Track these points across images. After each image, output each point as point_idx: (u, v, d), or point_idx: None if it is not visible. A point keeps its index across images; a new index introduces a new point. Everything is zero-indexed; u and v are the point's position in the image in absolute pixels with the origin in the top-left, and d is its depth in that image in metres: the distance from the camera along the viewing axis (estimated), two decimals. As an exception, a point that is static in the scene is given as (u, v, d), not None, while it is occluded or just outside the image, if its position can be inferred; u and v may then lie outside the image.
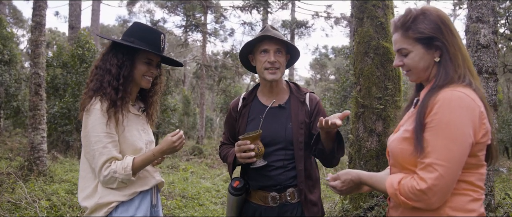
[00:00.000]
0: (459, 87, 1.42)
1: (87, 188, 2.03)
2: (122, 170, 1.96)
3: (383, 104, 4.28)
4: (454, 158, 1.35)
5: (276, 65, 2.21)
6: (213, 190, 7.64)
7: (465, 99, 1.37)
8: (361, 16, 4.53)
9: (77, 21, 14.49)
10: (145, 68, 2.14)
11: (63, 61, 12.02)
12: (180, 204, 6.13)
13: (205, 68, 18.08)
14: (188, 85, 30.61)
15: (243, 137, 2.11)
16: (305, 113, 2.27)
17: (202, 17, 19.22)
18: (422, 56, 1.52)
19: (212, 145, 18.10)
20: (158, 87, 2.33)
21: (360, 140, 4.35)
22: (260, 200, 2.24)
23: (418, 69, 1.54)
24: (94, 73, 2.11)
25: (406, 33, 1.53)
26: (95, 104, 1.99)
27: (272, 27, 2.31)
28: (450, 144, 1.35)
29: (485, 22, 3.34)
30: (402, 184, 1.43)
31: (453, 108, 1.36)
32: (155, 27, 2.22)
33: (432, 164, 1.36)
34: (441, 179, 1.34)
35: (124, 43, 2.08)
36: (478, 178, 1.44)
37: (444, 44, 1.48)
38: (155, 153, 2.05)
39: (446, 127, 1.35)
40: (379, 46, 4.36)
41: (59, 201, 5.42)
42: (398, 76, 4.45)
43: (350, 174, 1.69)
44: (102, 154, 1.95)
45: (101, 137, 1.96)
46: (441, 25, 1.49)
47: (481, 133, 1.39)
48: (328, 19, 26.12)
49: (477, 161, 1.43)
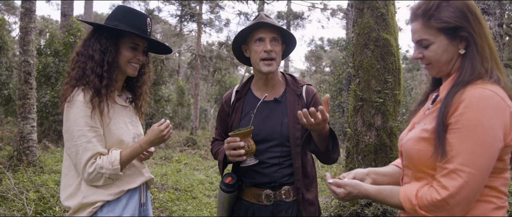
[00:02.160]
0: (487, 84, 1.27)
1: (70, 187, 1.89)
2: (109, 165, 1.82)
3: (382, 98, 4.16)
4: (481, 165, 1.21)
5: (272, 55, 2.07)
6: (206, 182, 7.53)
7: (495, 99, 1.23)
8: (361, 6, 4.39)
9: (69, 8, 14.21)
10: (131, 54, 1.99)
11: (55, 49, 11.79)
12: (173, 197, 6.02)
13: (200, 58, 17.88)
14: (182, 76, 30.39)
15: (233, 134, 1.97)
16: (302, 106, 2.13)
17: (198, 6, 18.97)
18: (445, 48, 1.36)
19: (206, 136, 17.97)
20: (146, 76, 2.18)
21: (359, 134, 4.24)
22: (253, 197, 2.11)
23: (441, 62, 1.38)
24: (75, 60, 1.95)
25: (427, 22, 1.36)
26: (77, 95, 1.84)
27: (266, 15, 2.15)
28: (477, 148, 1.20)
29: (491, 14, 3.22)
30: (421, 197, 1.28)
31: (482, 108, 1.21)
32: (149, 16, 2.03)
33: (456, 170, 1.22)
34: (466, 187, 1.20)
35: (107, 25, 1.93)
36: (502, 183, 1.31)
37: (471, 34, 1.32)
38: (143, 144, 1.94)
39: (474, 129, 1.21)
40: (380, 38, 4.24)
41: (48, 192, 5.28)
42: (398, 69, 4.34)
43: (356, 189, 1.48)
44: (86, 150, 1.80)
45: (84, 131, 1.81)
46: (468, 13, 1.32)
47: (511, 136, 1.25)
48: (325, 10, 25.93)
49: (503, 165, 1.29)
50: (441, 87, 1.44)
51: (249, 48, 2.15)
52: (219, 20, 23.67)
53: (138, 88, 2.17)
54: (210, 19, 21.36)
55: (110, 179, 1.86)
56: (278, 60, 2.12)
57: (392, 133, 4.20)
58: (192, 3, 18.86)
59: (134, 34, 1.94)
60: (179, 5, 19.46)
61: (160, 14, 22.29)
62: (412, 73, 29.76)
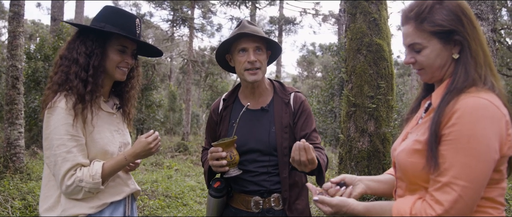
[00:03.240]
0: (481, 92, 1.21)
1: (49, 198, 1.78)
2: (90, 178, 1.70)
3: (375, 103, 4.13)
4: (476, 177, 1.15)
5: (257, 65, 2.01)
6: (198, 189, 7.43)
7: (490, 108, 1.17)
8: (354, 11, 4.37)
9: (60, 13, 14.06)
10: (119, 57, 1.87)
11: (45, 54, 11.64)
12: (163, 204, 5.92)
13: (192, 63, 17.81)
14: (174, 81, 30.26)
15: (216, 144, 1.92)
16: (290, 115, 2.08)
17: (190, 11, 18.92)
18: (439, 52, 1.30)
19: (197, 142, 17.87)
20: (135, 81, 2.06)
21: (351, 140, 4.19)
22: (242, 204, 2.05)
23: (433, 67, 1.32)
24: (58, 64, 1.83)
25: (420, 25, 1.30)
26: (59, 101, 1.73)
27: (249, 22, 2.10)
28: (471, 161, 1.15)
29: (485, 20, 3.21)
30: (415, 214, 1.22)
31: (475, 119, 1.15)
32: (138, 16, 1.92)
33: (450, 183, 1.16)
34: (461, 201, 1.15)
35: (93, 27, 1.82)
36: (499, 193, 1.25)
37: (465, 38, 1.26)
38: (127, 156, 1.81)
39: (468, 141, 1.15)
40: (372, 43, 4.21)
41: (35, 200, 5.15)
42: (391, 74, 4.31)
43: (344, 208, 1.40)
44: (65, 160, 1.69)
45: (64, 140, 1.70)
46: (462, 16, 1.27)
47: (507, 146, 1.20)
48: (316, 16, 26.02)
49: (499, 176, 1.23)
50: (433, 94, 1.37)
51: (233, 58, 2.10)
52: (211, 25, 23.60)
53: (126, 93, 2.05)
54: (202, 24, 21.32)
55: (90, 192, 1.74)
56: (264, 68, 2.07)
57: (385, 139, 4.16)
58: (184, 8, 18.81)
59: (122, 35, 1.84)
60: (171, 10, 19.40)
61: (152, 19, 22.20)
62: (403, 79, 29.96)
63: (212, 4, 20.20)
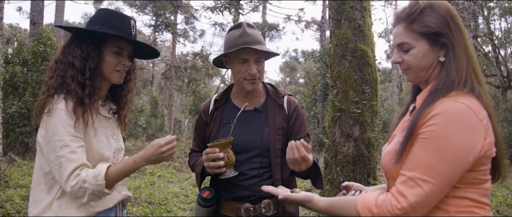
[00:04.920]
0: (460, 96, 1.25)
1: (39, 203, 1.72)
2: (93, 179, 1.63)
3: (360, 108, 4.17)
4: (440, 177, 1.20)
5: (257, 76, 2.01)
6: (181, 195, 7.35)
7: (465, 112, 1.21)
8: (338, 18, 4.41)
9: (39, 16, 13.79)
10: (116, 59, 1.82)
11: (24, 58, 11.38)
12: (146, 211, 5.82)
13: (175, 69, 17.69)
14: (156, 86, 29.99)
15: (212, 145, 1.89)
16: (283, 117, 2.08)
17: (172, 17, 18.82)
18: (425, 53, 1.35)
19: (180, 148, 17.69)
20: (131, 84, 2.01)
21: (337, 145, 4.22)
22: (232, 212, 2.03)
23: (419, 68, 1.37)
24: (53, 68, 1.77)
25: (410, 26, 1.35)
26: (58, 103, 1.67)
27: (248, 25, 2.06)
28: (437, 161, 1.20)
29: (467, 27, 3.28)
30: (380, 205, 1.26)
31: (449, 122, 1.20)
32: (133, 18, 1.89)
33: (415, 178, 1.22)
34: (425, 197, 1.20)
35: (87, 29, 1.78)
36: (482, 194, 1.29)
37: (451, 41, 1.31)
38: (137, 160, 1.71)
39: (438, 142, 1.20)
40: (357, 49, 4.26)
41: (14, 208, 5.01)
42: (375, 80, 4.36)
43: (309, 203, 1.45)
44: (70, 161, 1.62)
45: (67, 141, 1.63)
46: (450, 21, 1.32)
47: (484, 149, 1.23)
48: (299, 22, 26.24)
49: (480, 176, 1.27)
50: (418, 96, 1.42)
51: (232, 64, 2.07)
52: (194, 30, 23.56)
53: (123, 96, 1.99)
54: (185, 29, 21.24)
55: (94, 195, 1.66)
56: (262, 76, 2.08)
57: (370, 144, 4.20)
58: (167, 13, 18.71)
59: (118, 37, 1.79)
60: (153, 15, 19.26)
61: (134, 24, 21.93)
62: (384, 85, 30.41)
63: (195, 9, 20.15)
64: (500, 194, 7.46)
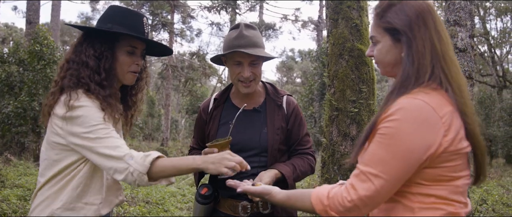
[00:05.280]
0: (421, 93, 1.23)
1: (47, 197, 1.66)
2: (141, 159, 1.54)
3: (357, 108, 4.18)
4: (391, 172, 1.20)
5: (251, 79, 2.01)
6: (178, 195, 7.35)
7: (423, 109, 1.20)
8: (335, 17, 4.42)
9: (35, 16, 13.72)
10: (129, 59, 1.75)
11: (20, 58, 11.33)
12: (144, 211, 5.82)
13: (171, 68, 17.67)
14: (152, 86, 29.93)
15: (210, 145, 1.90)
16: (282, 117, 2.09)
17: (169, 16, 18.80)
18: (389, 48, 1.35)
19: (177, 147, 17.70)
20: (143, 83, 1.94)
21: (334, 144, 4.23)
22: (230, 209, 2.03)
23: (385, 62, 1.38)
24: (65, 68, 1.69)
25: (378, 20, 1.37)
26: (81, 98, 1.60)
27: (247, 25, 2.05)
28: (388, 157, 1.20)
29: (463, 26, 3.30)
30: (332, 197, 1.27)
31: (404, 119, 1.20)
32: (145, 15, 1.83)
33: (367, 173, 1.22)
34: (375, 192, 1.21)
35: (100, 28, 1.71)
36: (453, 191, 1.25)
37: (409, 39, 1.30)
38: (196, 158, 1.60)
39: (390, 138, 1.20)
40: (354, 48, 4.27)
41: (10, 208, 4.99)
42: (372, 79, 4.38)
43: (267, 195, 1.50)
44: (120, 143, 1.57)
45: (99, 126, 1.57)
46: (413, 18, 1.31)
47: (443, 146, 1.20)
48: (296, 22, 26.27)
49: (448, 173, 1.24)
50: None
51: (228, 64, 2.08)
52: (191, 30, 23.53)
53: (133, 96, 1.93)
54: (181, 29, 21.21)
55: (133, 177, 1.54)
56: (258, 78, 2.06)
57: (367, 143, 4.21)
58: (164, 13, 18.68)
59: (132, 36, 1.73)
60: (150, 14, 19.23)
61: (130, 23, 21.87)
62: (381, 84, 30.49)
63: (192, 9, 20.13)
64: (496, 192, 7.50)
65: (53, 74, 10.71)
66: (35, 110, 10.47)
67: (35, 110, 10.49)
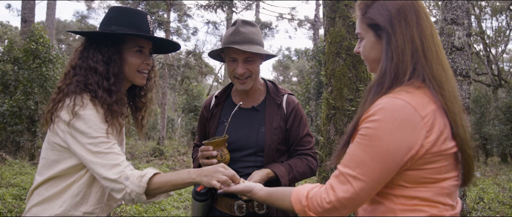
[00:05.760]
0: (402, 92, 1.19)
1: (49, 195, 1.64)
2: (137, 179, 1.52)
3: (354, 106, 4.18)
4: (371, 174, 1.17)
5: (245, 76, 1.99)
6: (175, 194, 7.33)
7: (403, 109, 1.15)
8: (333, 15, 4.42)
9: (30, 14, 13.64)
10: (138, 60, 1.72)
11: (15, 56, 11.26)
12: (140, 210, 5.80)
13: (168, 67, 17.62)
14: (149, 85, 29.78)
15: (206, 142, 1.90)
16: (281, 117, 2.06)
17: (165, 15, 18.74)
18: (372, 45, 1.33)
19: (173, 146, 17.65)
20: (151, 82, 1.90)
21: (331, 142, 4.23)
22: (226, 208, 2.03)
23: (370, 58, 1.36)
24: (71, 74, 1.65)
25: (362, 17, 1.35)
26: (86, 106, 1.57)
27: (244, 22, 2.04)
28: (368, 158, 1.17)
29: (460, 24, 3.31)
30: (311, 198, 1.25)
31: (383, 119, 1.16)
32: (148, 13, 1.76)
33: (345, 174, 1.19)
34: (354, 194, 1.18)
35: (105, 32, 1.67)
36: (438, 193, 1.21)
37: (388, 34, 1.27)
38: (191, 171, 1.59)
39: (369, 139, 1.17)
40: (351, 46, 4.27)
41: (5, 207, 4.96)
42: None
43: (249, 193, 1.53)
44: (113, 154, 1.54)
45: (103, 139, 1.55)
46: (394, 14, 1.27)
47: (425, 147, 1.16)
48: (292, 21, 26.25)
49: (431, 175, 1.20)
50: None
51: (225, 61, 2.07)
52: (187, 28, 23.47)
53: (143, 96, 1.90)
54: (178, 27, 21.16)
55: (130, 197, 1.53)
56: (254, 75, 2.03)
57: (364, 141, 4.22)
58: (160, 12, 18.62)
59: (139, 36, 1.70)
60: (146, 13, 19.14)
61: (126, 22, 21.80)
62: (377, 83, 30.53)
63: (188, 7, 20.08)
64: (492, 191, 7.54)
65: (49, 72, 10.66)
66: (31, 108, 10.42)
67: (30, 109, 10.44)
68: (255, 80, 2.06)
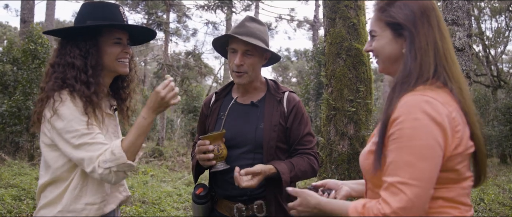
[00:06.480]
0: (427, 90, 1.21)
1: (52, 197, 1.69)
2: (111, 156, 1.57)
3: (355, 107, 4.18)
4: (422, 176, 1.14)
5: (242, 69, 1.97)
6: (174, 195, 7.31)
7: (433, 106, 1.16)
8: (333, 16, 4.42)
9: (30, 14, 13.62)
10: (117, 48, 1.77)
11: (14, 57, 11.24)
12: (140, 211, 5.78)
13: (167, 67, 17.60)
14: (148, 85, 29.82)
15: (203, 137, 1.89)
16: (281, 114, 2.01)
17: (165, 15, 18.72)
18: (389, 42, 1.35)
19: (172, 147, 17.64)
20: (133, 73, 1.95)
21: (332, 143, 4.22)
22: (226, 210, 2.01)
23: (384, 55, 1.37)
24: (50, 72, 1.71)
25: (380, 14, 1.37)
26: (64, 101, 1.61)
27: (252, 19, 2.04)
28: (414, 159, 1.14)
29: (461, 25, 3.31)
30: (368, 208, 1.22)
31: (417, 116, 1.15)
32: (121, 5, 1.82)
33: (395, 183, 1.15)
34: (409, 202, 1.12)
35: (80, 26, 1.71)
36: (460, 194, 1.23)
37: (411, 33, 1.29)
38: (144, 115, 1.65)
39: (409, 139, 1.15)
40: (351, 47, 4.27)
41: (5, 208, 4.94)
42: (369, 79, 4.38)
43: (308, 195, 1.46)
44: (93, 148, 1.58)
45: (83, 130, 1.59)
46: (418, 14, 1.30)
47: (454, 144, 1.18)
48: (291, 22, 26.26)
49: (456, 175, 1.22)
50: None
51: (228, 53, 2.07)
52: (186, 29, 23.45)
53: (126, 88, 1.94)
54: (177, 28, 21.14)
55: (120, 172, 1.60)
56: (251, 72, 2.01)
57: (364, 142, 4.21)
58: (159, 12, 18.60)
59: (115, 26, 1.74)
60: (145, 14, 19.14)
61: (126, 22, 21.81)
62: (377, 84, 30.55)
63: (187, 8, 20.08)
64: (492, 192, 7.53)
65: (48, 73, 10.64)
66: (30, 109, 10.39)
67: (29, 110, 10.40)
68: (253, 76, 2.03)
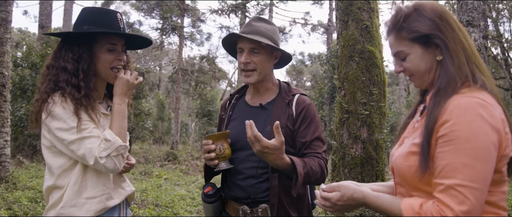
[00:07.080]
0: (474, 92, 1.20)
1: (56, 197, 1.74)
2: (105, 143, 1.67)
3: (368, 110, 4.13)
4: (481, 178, 1.12)
5: (249, 67, 1.94)
6: (188, 198, 7.34)
7: (485, 107, 1.16)
8: (345, 19, 4.38)
9: (48, 20, 13.90)
10: (111, 56, 1.82)
11: (32, 62, 11.47)
12: (153, 213, 5.82)
13: (182, 72, 17.72)
14: (163, 89, 30.10)
15: (207, 137, 1.90)
16: (289, 117, 1.95)
17: (179, 20, 18.88)
18: (421, 56, 1.32)
19: (187, 151, 17.72)
20: None
21: (344, 147, 4.18)
22: (233, 212, 1.99)
23: (420, 72, 1.34)
24: (45, 74, 1.78)
25: (400, 34, 1.34)
26: (56, 103, 1.68)
27: (259, 18, 2.02)
28: (473, 161, 1.12)
29: (476, 26, 3.24)
30: (425, 209, 1.18)
31: (472, 118, 1.14)
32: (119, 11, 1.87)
33: (455, 186, 1.12)
34: (471, 205, 1.11)
35: (75, 32, 1.78)
36: (501, 198, 1.22)
37: (442, 40, 1.28)
38: (117, 101, 1.79)
39: (467, 141, 1.13)
40: (364, 50, 4.22)
41: (21, 210, 5.02)
42: (383, 81, 4.32)
43: (352, 189, 1.35)
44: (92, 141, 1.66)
45: (79, 127, 1.66)
46: (438, 20, 1.30)
47: (504, 144, 1.17)
48: (305, 26, 26.19)
49: (500, 177, 1.20)
50: (427, 97, 1.37)
51: (237, 54, 2.07)
52: (200, 33, 23.63)
53: None
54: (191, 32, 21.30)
55: (119, 155, 1.70)
56: (261, 70, 1.96)
57: (378, 146, 4.15)
58: (173, 17, 18.78)
59: (109, 33, 1.79)
60: (160, 19, 19.34)
61: (141, 27, 22.16)
62: (392, 88, 30.22)
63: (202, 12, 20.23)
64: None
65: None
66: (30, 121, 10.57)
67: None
68: (262, 75, 1.99)
